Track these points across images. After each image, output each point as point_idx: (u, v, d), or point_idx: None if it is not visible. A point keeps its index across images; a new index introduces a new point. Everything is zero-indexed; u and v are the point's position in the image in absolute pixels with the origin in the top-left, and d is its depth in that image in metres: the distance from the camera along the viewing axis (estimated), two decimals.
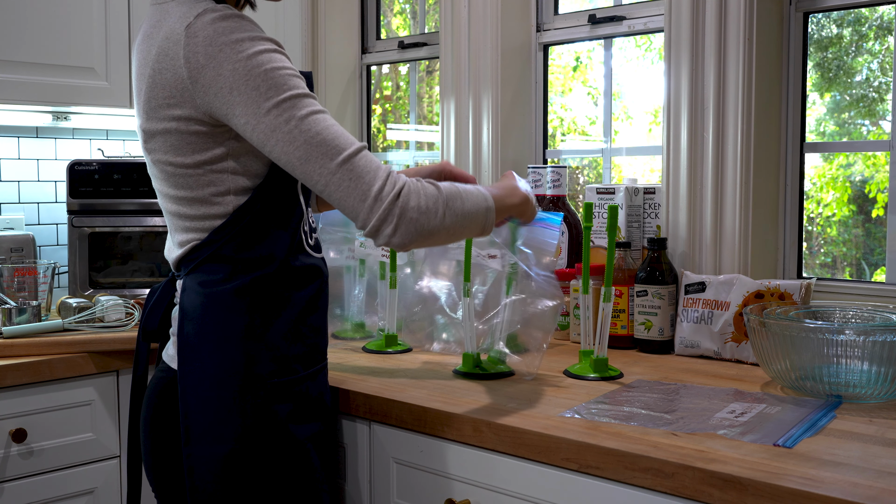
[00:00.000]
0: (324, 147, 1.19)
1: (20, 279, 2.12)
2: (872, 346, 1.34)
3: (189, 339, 1.29)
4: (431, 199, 1.23)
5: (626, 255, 1.88)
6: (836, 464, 1.10)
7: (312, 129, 1.19)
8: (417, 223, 1.21)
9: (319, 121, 1.20)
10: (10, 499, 1.74)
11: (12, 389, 1.74)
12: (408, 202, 1.20)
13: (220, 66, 1.18)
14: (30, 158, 2.44)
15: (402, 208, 1.20)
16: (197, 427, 1.28)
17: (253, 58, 1.18)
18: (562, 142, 2.53)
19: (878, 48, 1.95)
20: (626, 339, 1.86)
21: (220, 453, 1.27)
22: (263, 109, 1.18)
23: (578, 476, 1.21)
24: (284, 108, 1.18)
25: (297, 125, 1.18)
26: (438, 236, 1.25)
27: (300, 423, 1.33)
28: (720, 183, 1.85)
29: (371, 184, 1.19)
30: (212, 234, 1.28)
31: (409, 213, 1.20)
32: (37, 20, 2.07)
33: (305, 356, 1.35)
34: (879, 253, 1.97)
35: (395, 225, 1.20)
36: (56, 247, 2.49)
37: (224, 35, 1.19)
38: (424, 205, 1.21)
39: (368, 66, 2.87)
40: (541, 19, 2.37)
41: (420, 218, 1.21)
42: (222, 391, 1.27)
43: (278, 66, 1.20)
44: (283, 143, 1.19)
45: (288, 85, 1.19)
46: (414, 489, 1.43)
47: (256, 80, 1.18)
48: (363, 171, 1.19)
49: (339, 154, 1.19)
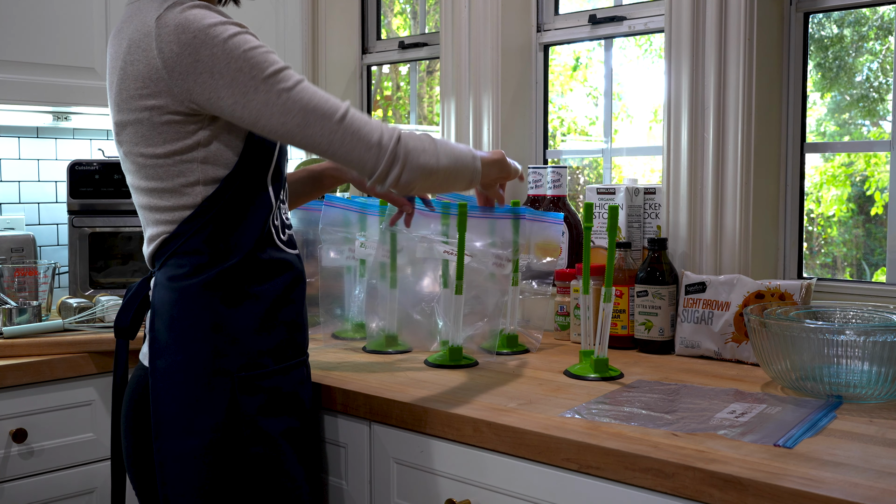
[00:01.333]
0: (320, 110, 1.25)
1: (20, 279, 2.12)
2: (873, 347, 1.34)
3: (158, 334, 1.31)
4: (427, 141, 1.33)
5: (626, 256, 1.88)
6: (837, 464, 1.10)
7: (304, 97, 1.24)
8: (420, 161, 1.31)
9: (307, 88, 1.25)
10: (11, 499, 1.74)
11: (13, 389, 1.74)
12: (408, 143, 1.30)
13: (196, 52, 1.21)
14: (30, 158, 2.44)
15: (405, 150, 1.29)
16: (167, 421, 1.29)
17: (228, 41, 1.22)
18: (562, 142, 2.53)
19: (878, 48, 1.95)
20: (627, 340, 1.86)
21: (189, 447, 1.28)
22: (251, 88, 1.22)
23: (579, 476, 1.21)
24: (272, 83, 1.23)
25: (289, 96, 1.23)
26: (437, 175, 1.34)
27: (271, 417, 1.33)
28: (720, 183, 1.85)
29: (372, 133, 1.27)
30: (180, 226, 1.30)
31: (411, 153, 1.29)
32: (37, 20, 2.07)
33: (276, 350, 1.35)
34: (880, 253, 1.97)
35: (402, 165, 1.29)
36: (56, 247, 2.49)
37: (195, 23, 1.21)
38: (422, 146, 1.31)
39: (369, 67, 2.87)
40: (541, 19, 2.37)
41: (421, 157, 1.31)
42: (190, 385, 1.29)
43: (254, 45, 1.24)
44: (279, 114, 1.23)
45: (268, 61, 1.23)
46: (414, 489, 1.43)
47: (238, 61, 1.22)
48: (361, 124, 1.27)
49: (335, 114, 1.25)
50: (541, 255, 1.86)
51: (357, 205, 1.87)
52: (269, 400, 1.33)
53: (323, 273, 1.89)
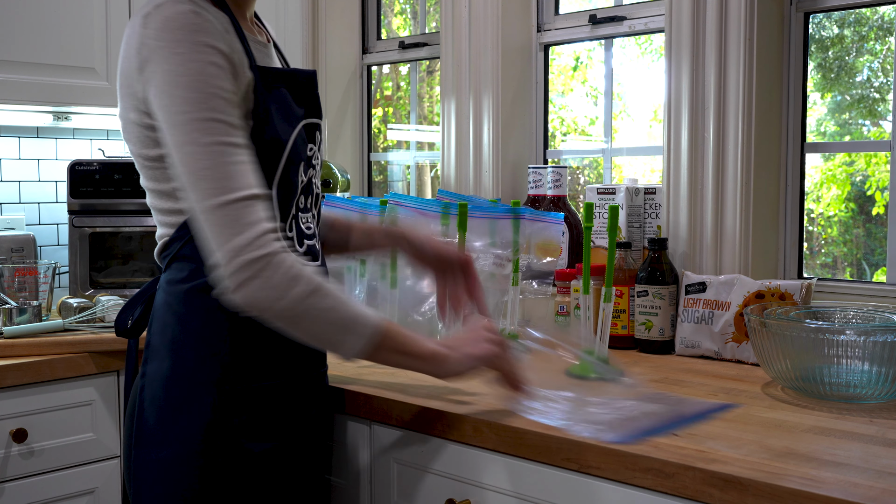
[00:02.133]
0: (212, 182, 1.13)
1: (21, 279, 2.12)
2: (873, 347, 1.34)
3: (152, 337, 1.28)
4: (288, 280, 1.12)
5: (626, 256, 1.88)
6: (837, 464, 1.10)
7: (208, 161, 1.13)
8: (257, 298, 1.12)
9: (221, 154, 1.14)
10: (11, 499, 1.74)
11: (13, 389, 1.74)
12: (260, 272, 1.11)
13: (158, 63, 1.15)
14: (30, 158, 2.44)
15: (249, 276, 1.11)
16: (145, 429, 1.26)
17: (187, 65, 1.14)
18: (562, 142, 2.53)
19: (878, 48, 1.95)
20: (627, 340, 1.86)
21: (162, 457, 1.24)
22: (175, 122, 1.14)
23: (579, 476, 1.21)
24: (193, 128, 1.14)
25: (194, 151, 1.13)
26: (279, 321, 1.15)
27: (255, 435, 1.27)
28: (721, 183, 1.85)
29: (234, 236, 1.12)
30: (177, 230, 1.26)
31: (253, 284, 1.11)
32: (37, 20, 2.07)
33: (272, 365, 1.29)
34: (880, 253, 1.97)
35: (236, 288, 1.12)
36: (57, 247, 2.49)
37: (171, 31, 1.15)
38: (276, 283, 1.12)
39: (369, 67, 2.87)
40: (541, 19, 2.37)
41: (263, 295, 1.12)
42: (171, 393, 1.24)
43: (208, 81, 1.15)
44: (181, 162, 1.14)
45: (208, 105, 1.14)
46: (414, 489, 1.43)
47: (180, 89, 1.14)
48: (234, 221, 1.12)
49: (224, 195, 1.12)
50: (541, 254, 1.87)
51: (357, 205, 1.87)
52: (256, 417, 1.27)
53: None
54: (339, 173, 2.43)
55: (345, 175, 2.48)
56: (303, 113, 1.35)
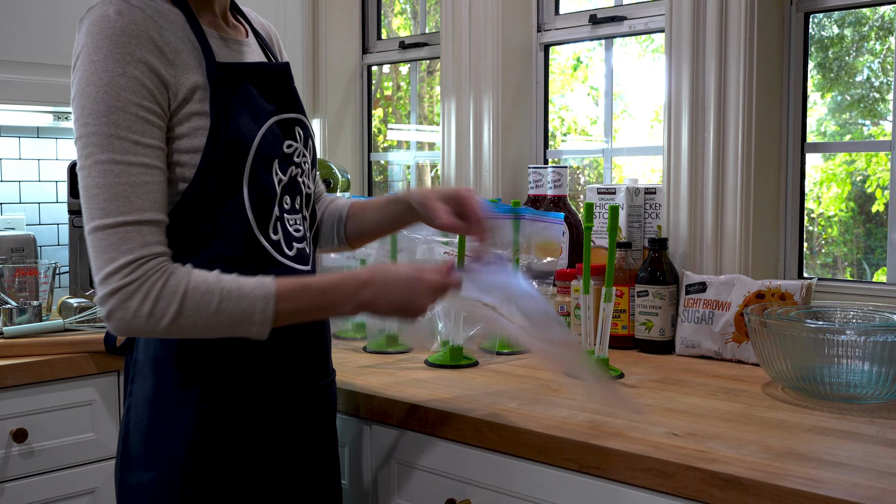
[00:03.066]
0: (95, 202, 1.07)
1: (21, 279, 2.12)
2: (873, 347, 1.34)
3: (138, 354, 1.23)
4: (162, 303, 1.07)
5: (626, 256, 1.88)
6: (837, 464, 1.10)
7: (96, 180, 1.07)
8: (129, 324, 1.07)
9: (113, 173, 1.07)
10: (11, 499, 1.74)
11: (13, 389, 1.74)
12: (126, 301, 1.06)
13: (77, 70, 1.11)
14: (31, 158, 2.44)
15: (114, 305, 1.06)
16: (130, 451, 1.22)
17: (98, 74, 1.08)
18: (562, 142, 2.53)
19: (878, 48, 1.95)
20: (627, 340, 1.86)
21: (146, 481, 1.19)
22: (77, 133, 1.09)
23: (579, 476, 1.21)
24: (91, 141, 1.08)
25: (89, 167, 1.08)
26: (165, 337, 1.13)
27: (243, 455, 1.21)
28: (721, 183, 1.85)
29: (105, 265, 1.06)
30: None
31: (118, 312, 1.06)
32: (37, 20, 2.07)
33: (248, 384, 1.22)
34: (880, 253, 1.97)
35: (106, 316, 1.08)
36: (57, 247, 2.49)
37: (92, 37, 1.10)
38: (146, 310, 1.06)
39: (369, 67, 2.87)
40: (541, 19, 2.37)
41: (133, 321, 1.07)
42: (154, 414, 1.20)
43: (118, 94, 1.08)
44: (80, 176, 1.09)
45: (109, 119, 1.08)
46: (415, 489, 1.43)
47: (85, 98, 1.09)
48: (107, 248, 1.06)
49: (101, 219, 1.07)
50: (541, 254, 1.87)
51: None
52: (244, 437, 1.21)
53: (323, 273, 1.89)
54: (339, 173, 2.43)
55: (345, 175, 2.48)
56: (273, 109, 1.26)
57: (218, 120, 1.16)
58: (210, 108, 1.16)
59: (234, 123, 1.18)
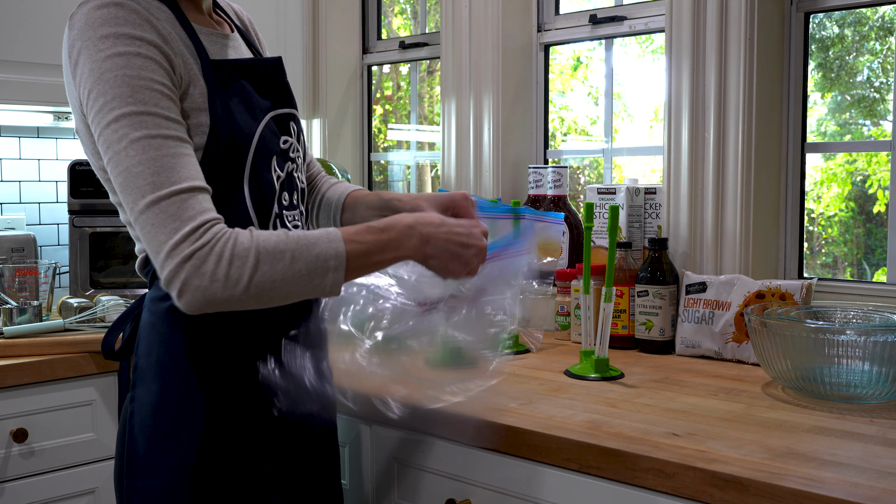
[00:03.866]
0: (140, 180, 1.04)
1: (21, 279, 2.12)
2: (873, 347, 1.34)
3: (139, 359, 1.22)
4: (237, 262, 1.03)
5: (626, 256, 1.88)
6: (837, 464, 1.10)
7: (138, 157, 1.04)
8: (207, 291, 1.02)
9: (151, 147, 1.05)
10: (12, 499, 1.74)
11: (13, 389, 1.74)
12: (201, 266, 1.02)
13: (84, 62, 1.08)
14: (31, 158, 2.44)
15: (189, 272, 1.02)
16: (136, 458, 1.20)
17: (110, 59, 1.07)
18: (563, 142, 2.53)
19: (879, 48, 1.95)
20: (628, 340, 1.86)
21: (154, 486, 1.18)
22: (104, 120, 1.06)
23: (579, 476, 1.21)
24: (122, 123, 1.05)
25: (125, 148, 1.05)
26: (241, 304, 1.06)
27: (250, 458, 1.21)
28: (721, 183, 1.85)
29: (170, 236, 1.03)
30: None
31: (195, 280, 1.02)
32: (37, 20, 2.07)
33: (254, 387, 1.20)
34: (880, 253, 1.97)
35: (180, 289, 1.03)
36: (57, 247, 2.49)
37: (92, 28, 1.09)
38: (223, 272, 1.03)
39: (369, 67, 2.87)
40: (542, 19, 2.37)
41: (211, 287, 1.02)
42: (160, 420, 1.19)
43: (135, 73, 1.07)
44: (111, 163, 1.06)
45: (135, 98, 1.06)
46: (415, 489, 1.43)
47: (105, 85, 1.06)
48: (168, 219, 1.03)
49: (152, 193, 1.04)
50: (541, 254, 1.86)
51: None
52: (250, 439, 1.21)
53: None
54: (340, 173, 2.43)
55: (345, 175, 2.48)
56: (269, 104, 1.26)
57: (218, 118, 1.15)
58: (209, 106, 1.15)
59: (233, 121, 1.17)
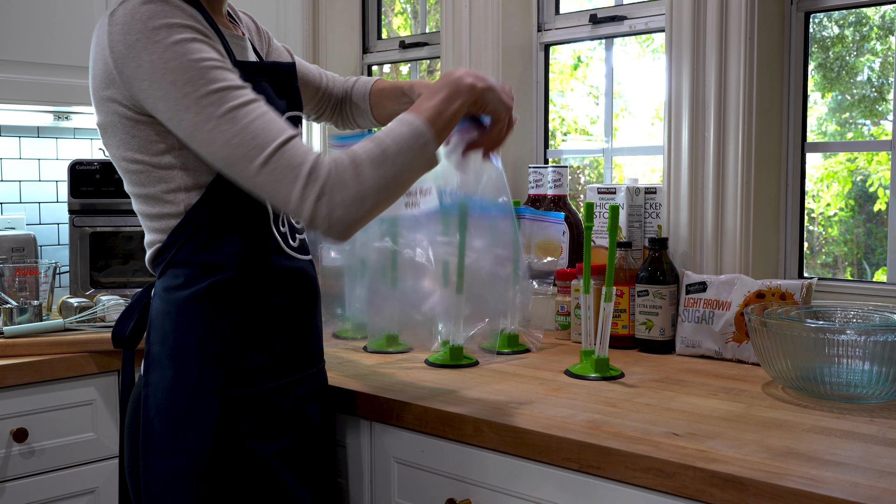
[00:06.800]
0: (243, 148, 1.11)
1: (21, 279, 2.12)
2: (874, 346, 1.34)
3: (152, 347, 1.26)
4: (355, 182, 1.12)
5: (627, 255, 1.88)
6: (838, 464, 1.10)
7: (232, 129, 1.11)
8: (347, 216, 1.12)
9: (240, 117, 1.11)
10: (12, 498, 1.74)
11: (13, 389, 1.74)
12: (333, 198, 1.11)
13: (138, 56, 1.12)
14: (31, 158, 2.44)
15: (328, 208, 1.11)
16: (154, 439, 1.24)
17: (170, 48, 1.11)
18: (563, 141, 2.53)
19: (879, 48, 1.95)
20: (628, 339, 1.86)
21: (175, 467, 1.22)
22: (182, 106, 1.11)
23: (579, 476, 1.21)
24: (203, 104, 1.11)
25: (216, 125, 1.11)
26: (376, 211, 1.16)
27: (262, 437, 1.27)
28: (721, 183, 1.85)
29: (293, 184, 1.11)
30: (170, 236, 1.23)
31: (336, 211, 1.11)
32: (37, 20, 2.07)
33: (273, 366, 1.29)
34: (881, 253, 1.97)
35: (328, 225, 1.12)
36: (57, 246, 2.49)
37: (141, 22, 1.12)
38: (350, 196, 1.12)
39: (369, 66, 2.87)
40: (542, 19, 2.37)
41: (349, 211, 1.12)
42: (178, 402, 1.23)
43: (198, 56, 1.12)
44: (205, 143, 1.12)
45: (207, 78, 1.11)
46: (415, 489, 1.43)
47: (174, 73, 1.11)
48: (284, 172, 1.11)
49: (260, 154, 1.11)
50: (541, 254, 1.87)
51: None
52: (260, 419, 1.27)
53: (323, 273, 1.89)
54: None
55: None
56: (285, 106, 1.33)
57: None
58: None
59: None
